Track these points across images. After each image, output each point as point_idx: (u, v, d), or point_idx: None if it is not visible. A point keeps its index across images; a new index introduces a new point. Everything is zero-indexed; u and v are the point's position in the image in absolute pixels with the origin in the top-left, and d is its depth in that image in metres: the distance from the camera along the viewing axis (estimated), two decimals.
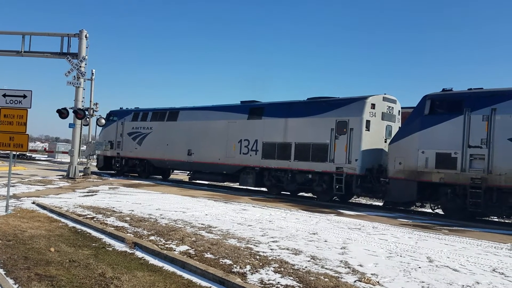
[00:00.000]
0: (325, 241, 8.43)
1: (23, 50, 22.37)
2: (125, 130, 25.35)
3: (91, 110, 23.50)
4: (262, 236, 8.71)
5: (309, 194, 19.36)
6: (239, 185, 20.79)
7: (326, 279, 5.83)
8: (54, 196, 14.31)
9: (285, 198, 17.84)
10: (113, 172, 26.42)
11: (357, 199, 19.23)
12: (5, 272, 5.82)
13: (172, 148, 22.84)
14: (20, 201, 12.69)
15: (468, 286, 5.82)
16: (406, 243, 8.62)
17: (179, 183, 22.99)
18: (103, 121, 24.65)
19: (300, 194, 19.60)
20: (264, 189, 20.01)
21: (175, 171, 27.57)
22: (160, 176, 25.96)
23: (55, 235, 8.25)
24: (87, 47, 22.27)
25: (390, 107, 17.12)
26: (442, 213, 14.43)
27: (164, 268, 6.41)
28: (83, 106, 22.28)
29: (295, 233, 9.15)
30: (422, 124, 14.10)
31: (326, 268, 6.40)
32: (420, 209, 16.10)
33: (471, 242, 9.20)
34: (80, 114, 21.79)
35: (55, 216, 10.42)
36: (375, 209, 15.35)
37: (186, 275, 6.07)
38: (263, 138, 18.97)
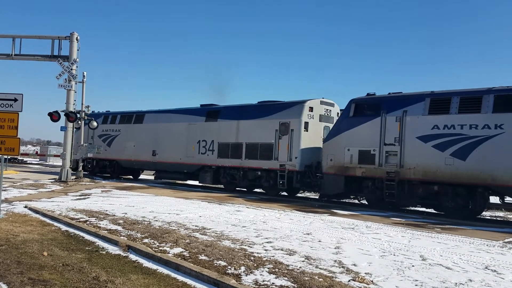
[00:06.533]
0: (319, 241, 8.45)
1: (13, 53, 22.18)
2: (96, 132, 26.32)
3: (83, 113, 23.37)
4: (257, 237, 8.71)
5: (260, 190, 20.67)
6: (199, 183, 22.23)
7: (320, 279, 5.85)
8: (46, 199, 14.21)
9: (279, 199, 17.89)
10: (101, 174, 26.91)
11: (305, 193, 20.55)
12: None
13: (139, 149, 24.33)
14: (12, 205, 12.59)
15: (461, 284, 5.87)
16: (399, 242, 8.67)
17: (172, 185, 22.96)
18: (94, 123, 24.50)
19: (255, 190, 21.02)
20: (221, 186, 21.43)
21: (145, 171, 28.59)
22: (131, 176, 27.22)
23: (48, 239, 8.20)
24: (78, 50, 22.11)
25: (327, 109, 19.01)
26: (367, 203, 16.15)
27: (158, 270, 6.39)
28: (74, 108, 22.13)
29: (289, 234, 9.16)
30: (348, 125, 15.84)
31: (320, 268, 6.42)
32: (350, 201, 17.77)
33: (464, 240, 9.27)
34: (72, 117, 21.64)
35: (47, 220, 10.35)
36: (368, 209, 15.41)
37: (181, 278, 6.06)
38: (219, 139, 20.55)
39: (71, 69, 21.70)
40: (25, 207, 12.22)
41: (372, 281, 5.85)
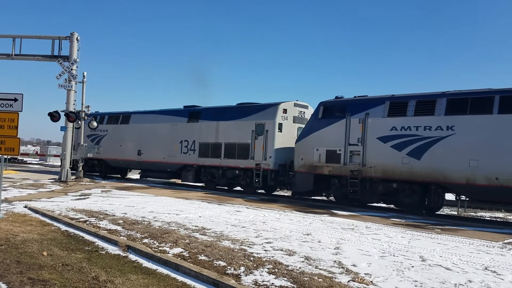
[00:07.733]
0: (319, 242, 8.45)
1: (13, 53, 22.16)
2: (85, 132, 26.54)
3: (83, 113, 23.36)
4: (256, 237, 8.71)
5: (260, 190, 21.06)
6: (181, 181, 22.95)
7: (320, 280, 5.85)
8: (46, 199, 14.21)
9: (278, 199, 17.92)
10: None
11: (281, 190, 21.10)
12: None
13: (125, 149, 25.10)
14: (12, 205, 12.59)
15: (460, 284, 5.87)
16: (399, 243, 8.67)
17: (172, 185, 22.98)
18: (94, 123, 24.54)
19: (236, 188, 21.43)
20: (202, 184, 22.34)
21: (132, 170, 29.15)
22: (119, 175, 27.83)
23: (48, 239, 8.20)
24: (78, 50, 22.08)
25: (301, 111, 19.83)
26: (334, 200, 17.11)
27: (158, 270, 6.39)
28: (74, 109, 22.12)
29: (289, 234, 9.16)
30: (317, 126, 16.69)
31: (320, 269, 6.42)
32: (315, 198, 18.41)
33: (463, 241, 9.27)
34: (72, 117, 21.64)
35: (47, 220, 10.35)
36: (368, 209, 15.44)
37: (180, 278, 6.06)
38: (200, 139, 21.41)
39: (71, 69, 21.69)
40: (25, 207, 12.22)
41: (371, 281, 5.85)
